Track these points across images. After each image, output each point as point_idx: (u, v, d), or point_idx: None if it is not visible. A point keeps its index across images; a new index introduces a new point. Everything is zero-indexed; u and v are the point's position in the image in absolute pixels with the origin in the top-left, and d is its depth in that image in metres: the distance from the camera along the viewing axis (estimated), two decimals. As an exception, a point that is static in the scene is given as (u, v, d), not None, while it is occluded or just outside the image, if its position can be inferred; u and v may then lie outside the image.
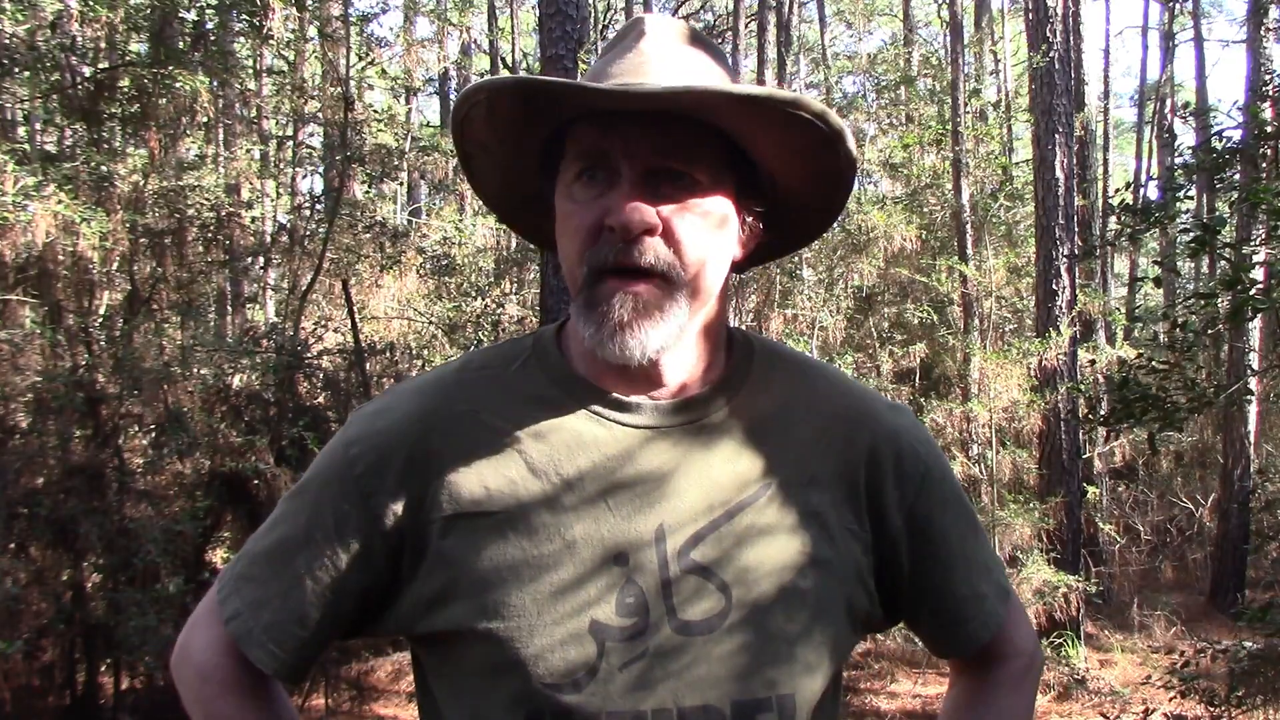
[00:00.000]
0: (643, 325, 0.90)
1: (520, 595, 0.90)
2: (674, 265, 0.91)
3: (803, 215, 1.05)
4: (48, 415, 5.37)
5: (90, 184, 5.75)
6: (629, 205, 0.89)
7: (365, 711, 6.22)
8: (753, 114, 0.91)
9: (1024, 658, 1.11)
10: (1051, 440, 7.82)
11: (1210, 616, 8.79)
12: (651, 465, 0.95)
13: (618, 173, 0.92)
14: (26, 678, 5.47)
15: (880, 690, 7.12)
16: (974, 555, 1.06)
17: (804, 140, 0.93)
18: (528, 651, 0.89)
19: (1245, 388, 6.66)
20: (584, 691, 0.88)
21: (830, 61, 16.40)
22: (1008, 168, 9.87)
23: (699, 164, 0.93)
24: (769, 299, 8.80)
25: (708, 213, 0.93)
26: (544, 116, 0.95)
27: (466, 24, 17.01)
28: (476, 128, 0.97)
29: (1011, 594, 1.11)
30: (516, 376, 1.00)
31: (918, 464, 1.02)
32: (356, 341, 7.06)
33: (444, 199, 15.14)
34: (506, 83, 0.92)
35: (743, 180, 0.97)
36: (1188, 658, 5.09)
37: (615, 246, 0.90)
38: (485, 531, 0.92)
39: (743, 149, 0.96)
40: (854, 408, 1.02)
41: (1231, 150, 4.86)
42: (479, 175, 1.05)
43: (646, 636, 0.90)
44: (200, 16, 6.56)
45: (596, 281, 0.91)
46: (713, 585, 0.92)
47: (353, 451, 0.96)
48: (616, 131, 0.91)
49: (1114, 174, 19.54)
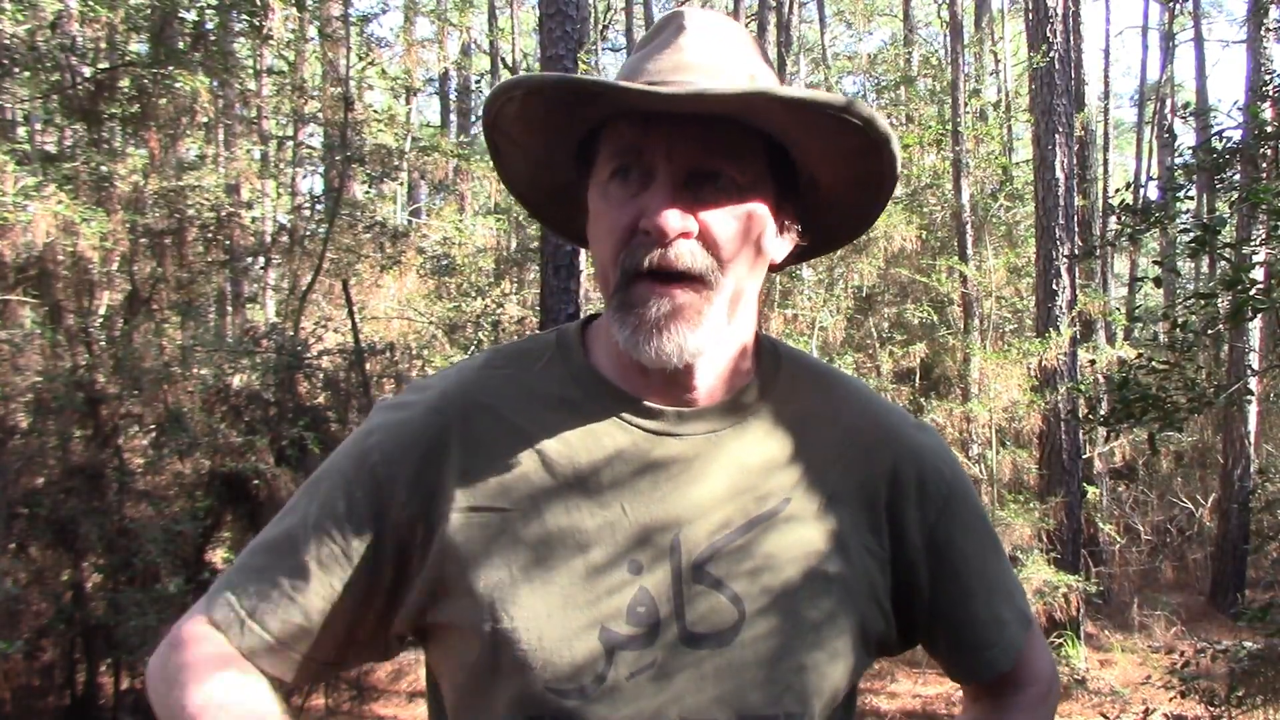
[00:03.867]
0: (680, 328, 0.88)
1: (531, 596, 0.88)
2: (711, 269, 0.89)
3: (841, 218, 1.03)
4: (48, 415, 5.36)
5: (90, 184, 5.75)
6: (665, 208, 0.87)
7: (365, 711, 6.22)
8: (799, 118, 0.89)
9: (1042, 684, 1.08)
10: (1051, 440, 7.82)
11: (1210, 616, 8.79)
12: (671, 473, 0.93)
13: (654, 173, 0.89)
14: (26, 678, 5.47)
15: (880, 690, 7.12)
16: (996, 580, 1.04)
17: (850, 145, 0.92)
18: (535, 653, 0.87)
19: (1245, 388, 6.66)
20: (589, 698, 0.86)
21: (830, 61, 16.39)
22: (1008, 168, 9.88)
23: (739, 166, 0.90)
24: (769, 299, 8.79)
25: (747, 216, 0.91)
26: (580, 114, 0.93)
27: (466, 24, 17.00)
28: (509, 122, 0.95)
29: (1033, 621, 1.08)
30: (539, 375, 0.98)
31: (941, 485, 1.00)
32: (356, 341, 7.06)
33: (444, 199, 15.15)
34: (545, 81, 0.90)
35: (783, 183, 0.95)
36: (1188, 658, 5.09)
37: (651, 250, 0.88)
38: (498, 528, 0.90)
39: (784, 151, 0.94)
40: (878, 424, 1.00)
41: (1231, 150, 4.86)
42: (508, 168, 1.03)
43: (656, 646, 0.88)
44: (200, 16, 6.56)
45: (631, 284, 0.89)
46: (725, 598, 0.90)
47: (371, 440, 0.95)
48: (655, 131, 0.89)
49: (1114, 174, 19.53)
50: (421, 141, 12.30)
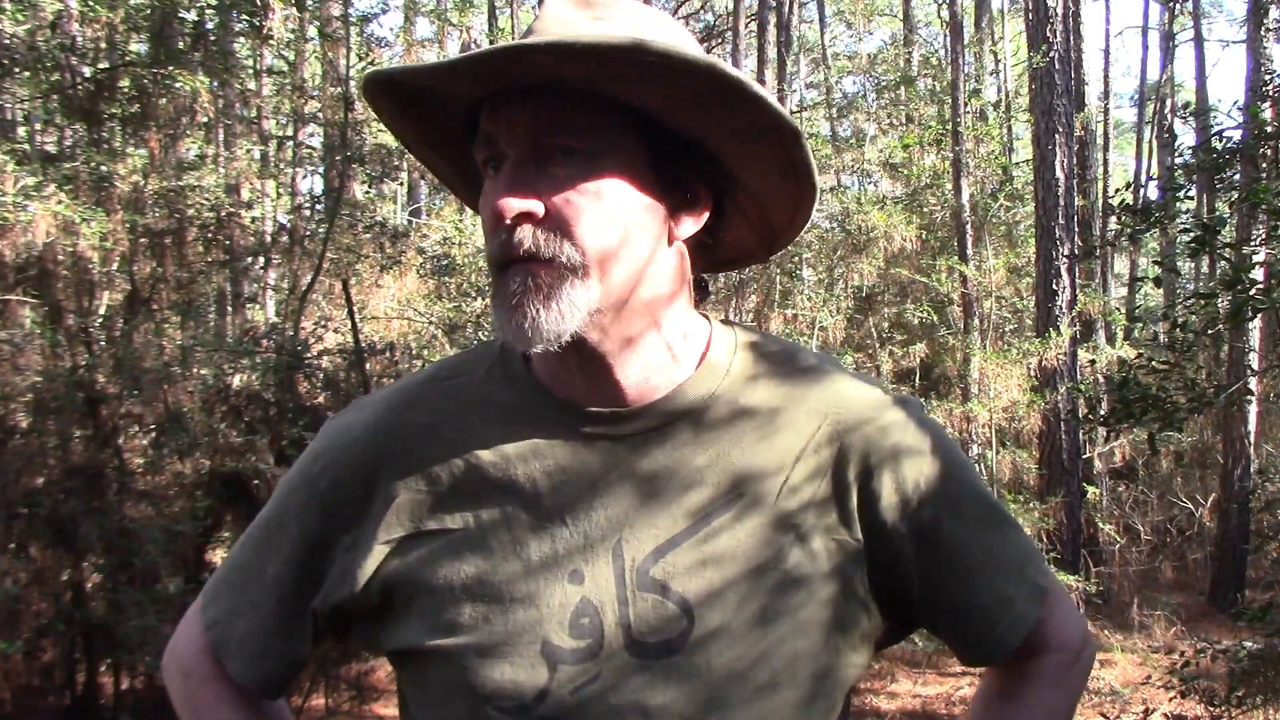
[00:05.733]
0: (532, 304, 0.83)
1: (473, 615, 0.86)
2: (560, 250, 0.83)
3: (773, 207, 0.95)
4: (48, 415, 5.36)
5: (90, 184, 5.75)
6: (501, 194, 0.83)
7: (365, 711, 6.21)
8: (636, 74, 0.80)
9: (1067, 653, 0.99)
10: (1051, 440, 7.83)
11: (1210, 616, 8.78)
12: (611, 478, 0.88)
13: (504, 157, 0.85)
14: (26, 678, 5.48)
15: (880, 690, 7.12)
16: (997, 556, 0.95)
17: (706, 94, 0.82)
18: (479, 672, 0.85)
19: (1245, 388, 6.66)
20: (532, 716, 0.84)
21: (830, 61, 16.39)
22: (1008, 168, 9.88)
23: (592, 139, 0.84)
24: (769, 299, 8.80)
25: (599, 188, 0.84)
26: (434, 109, 0.90)
27: (466, 24, 17.00)
28: (396, 129, 0.93)
29: (1050, 589, 0.98)
30: (480, 386, 0.94)
31: (919, 467, 0.92)
32: (356, 341, 7.05)
33: (444, 199, 15.14)
34: (371, 81, 0.87)
35: (663, 155, 0.87)
36: (1188, 658, 5.08)
37: (499, 238, 0.84)
38: (441, 550, 0.89)
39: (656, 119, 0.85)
40: (848, 409, 0.93)
41: (1231, 150, 4.85)
42: (442, 174, 1.01)
43: (600, 659, 0.84)
44: (200, 16, 6.55)
45: (497, 275, 0.86)
46: (673, 604, 0.85)
47: (318, 466, 0.95)
48: (500, 112, 0.84)
49: (1114, 174, 19.54)
50: (421, 141, 12.29)
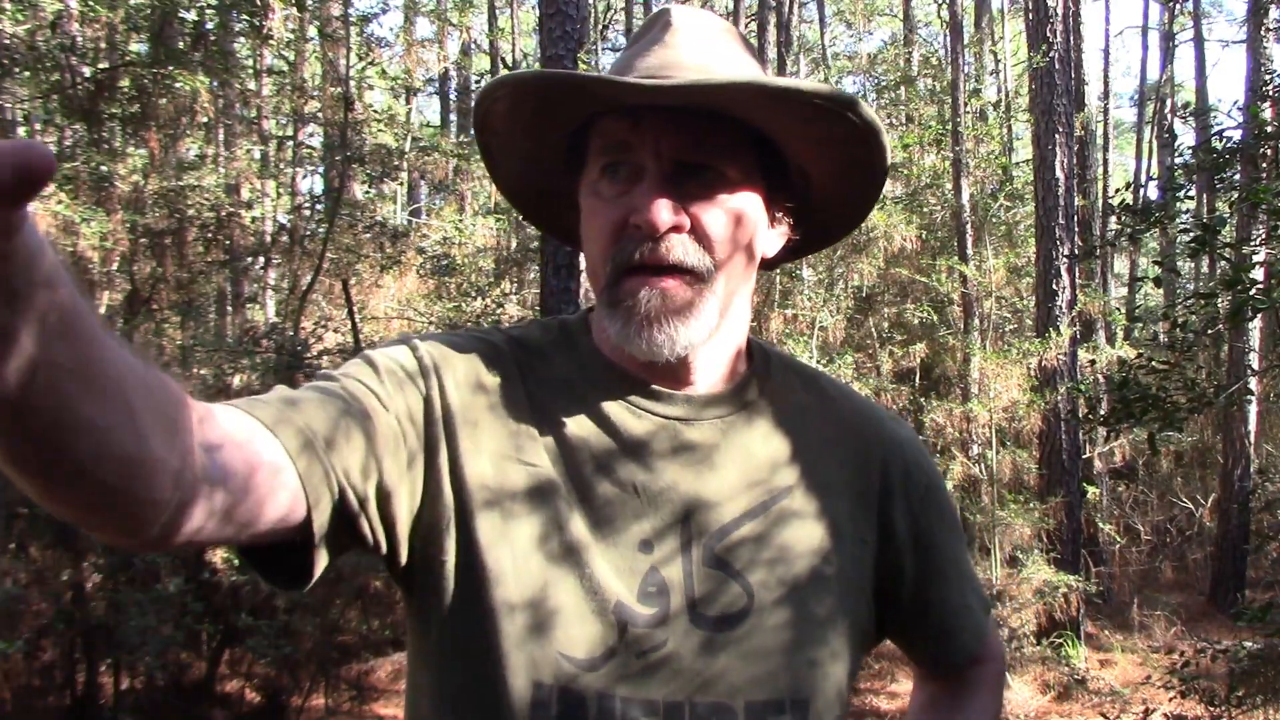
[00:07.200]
0: (672, 321, 0.88)
1: (549, 565, 0.87)
2: (703, 262, 0.89)
3: (834, 211, 1.03)
4: (48, 415, 5.36)
5: (90, 184, 5.76)
6: (655, 202, 0.87)
7: (365, 711, 6.21)
8: (783, 108, 0.89)
9: (997, 662, 1.14)
10: (1051, 440, 7.82)
11: (1210, 616, 8.79)
12: (685, 458, 0.93)
13: (643, 168, 0.89)
14: (26, 678, 5.47)
15: (880, 690, 7.12)
16: (964, 568, 1.08)
17: (836, 134, 0.92)
18: (548, 624, 0.86)
19: (1245, 388, 6.66)
20: (599, 672, 0.86)
21: (830, 61, 16.39)
22: (1008, 168, 9.87)
23: (727, 159, 0.91)
24: (769, 299, 8.79)
25: (737, 209, 0.91)
26: (568, 111, 0.93)
27: (466, 24, 17.00)
28: (498, 121, 0.96)
29: (989, 604, 1.13)
30: (550, 358, 0.97)
31: (922, 476, 1.03)
32: (356, 341, 7.06)
33: (444, 199, 15.15)
34: (530, 77, 0.91)
35: (774, 176, 0.95)
36: (1188, 658, 5.08)
37: (641, 244, 0.88)
38: (525, 484, 0.90)
39: (773, 144, 0.93)
40: (864, 418, 1.03)
41: (1231, 150, 4.85)
42: (500, 168, 1.03)
43: (666, 627, 0.88)
44: (200, 16, 6.56)
45: (622, 279, 0.89)
46: (736, 583, 0.91)
47: (421, 348, 0.92)
48: (643, 126, 0.89)
49: (1114, 174, 19.54)
50: (421, 141, 12.31)
